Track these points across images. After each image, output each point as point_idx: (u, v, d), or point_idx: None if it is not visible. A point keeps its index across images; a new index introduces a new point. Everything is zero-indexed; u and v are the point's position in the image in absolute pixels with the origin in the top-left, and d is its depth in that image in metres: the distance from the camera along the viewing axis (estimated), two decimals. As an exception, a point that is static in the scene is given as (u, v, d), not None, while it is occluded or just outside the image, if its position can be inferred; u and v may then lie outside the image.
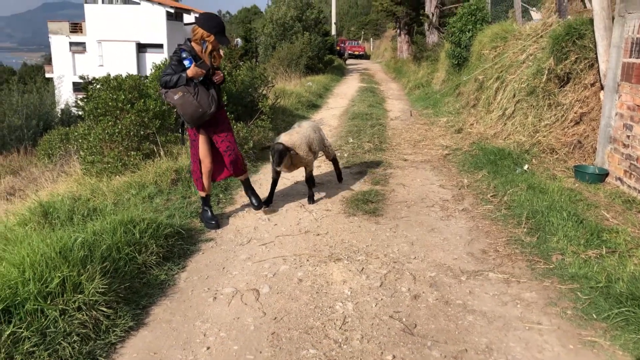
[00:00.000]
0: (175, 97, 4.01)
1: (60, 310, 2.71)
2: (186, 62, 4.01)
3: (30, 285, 2.72)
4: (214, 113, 4.17)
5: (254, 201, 4.76)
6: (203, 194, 4.50)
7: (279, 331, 2.89)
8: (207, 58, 4.12)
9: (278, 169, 4.68)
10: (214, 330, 2.91)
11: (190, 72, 4.00)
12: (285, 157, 4.63)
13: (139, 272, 3.41)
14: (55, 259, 2.94)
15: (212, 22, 4.06)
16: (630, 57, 4.86)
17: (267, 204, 4.96)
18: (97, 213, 4.39)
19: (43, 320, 2.63)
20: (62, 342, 2.58)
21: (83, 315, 2.75)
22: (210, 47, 4.08)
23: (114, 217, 3.79)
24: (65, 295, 2.79)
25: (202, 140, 4.32)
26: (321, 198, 5.31)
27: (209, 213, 4.52)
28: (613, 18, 5.30)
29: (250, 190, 4.79)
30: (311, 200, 5.13)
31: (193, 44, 4.13)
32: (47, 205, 4.45)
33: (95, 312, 2.81)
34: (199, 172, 4.40)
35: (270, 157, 4.65)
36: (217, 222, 4.49)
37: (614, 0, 5.44)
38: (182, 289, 3.37)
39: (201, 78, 4.08)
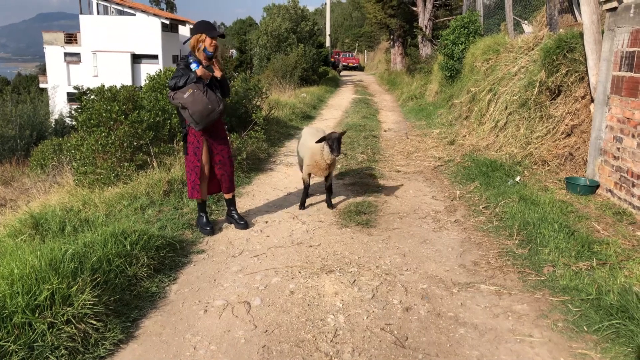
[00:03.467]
0: (185, 95, 4.13)
1: (48, 324, 2.68)
2: (193, 65, 4.23)
3: (18, 298, 2.70)
4: (221, 112, 4.31)
5: (239, 220, 4.74)
6: (200, 200, 4.55)
7: (270, 344, 2.87)
8: (214, 62, 4.38)
9: (338, 155, 4.86)
10: (204, 343, 2.88)
11: (199, 71, 4.19)
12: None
13: (129, 284, 3.39)
14: (44, 271, 2.91)
15: (199, 26, 4.35)
16: (619, 70, 4.91)
17: (302, 207, 5.34)
18: (89, 224, 4.37)
19: (31, 333, 2.61)
20: (49, 356, 2.55)
21: (72, 328, 2.72)
22: (204, 46, 4.28)
23: (105, 229, 3.78)
24: (54, 308, 2.76)
25: (204, 147, 4.40)
26: (314, 209, 5.30)
27: (205, 219, 4.60)
28: (603, 32, 5.37)
29: (235, 209, 4.78)
30: (330, 204, 5.33)
31: (195, 53, 4.34)
32: (38, 216, 4.43)
33: (84, 325, 2.78)
34: (197, 180, 4.43)
35: (327, 146, 4.82)
36: (212, 228, 4.57)
37: (603, 15, 5.52)
38: (172, 302, 3.35)
39: (207, 81, 4.27)
